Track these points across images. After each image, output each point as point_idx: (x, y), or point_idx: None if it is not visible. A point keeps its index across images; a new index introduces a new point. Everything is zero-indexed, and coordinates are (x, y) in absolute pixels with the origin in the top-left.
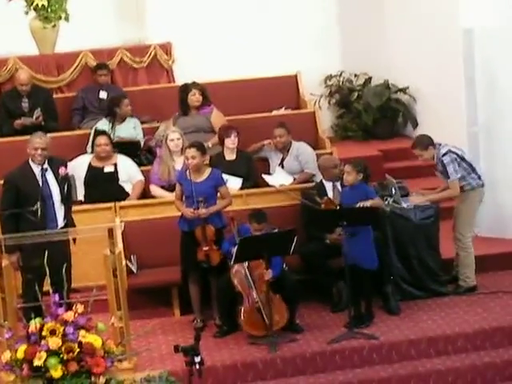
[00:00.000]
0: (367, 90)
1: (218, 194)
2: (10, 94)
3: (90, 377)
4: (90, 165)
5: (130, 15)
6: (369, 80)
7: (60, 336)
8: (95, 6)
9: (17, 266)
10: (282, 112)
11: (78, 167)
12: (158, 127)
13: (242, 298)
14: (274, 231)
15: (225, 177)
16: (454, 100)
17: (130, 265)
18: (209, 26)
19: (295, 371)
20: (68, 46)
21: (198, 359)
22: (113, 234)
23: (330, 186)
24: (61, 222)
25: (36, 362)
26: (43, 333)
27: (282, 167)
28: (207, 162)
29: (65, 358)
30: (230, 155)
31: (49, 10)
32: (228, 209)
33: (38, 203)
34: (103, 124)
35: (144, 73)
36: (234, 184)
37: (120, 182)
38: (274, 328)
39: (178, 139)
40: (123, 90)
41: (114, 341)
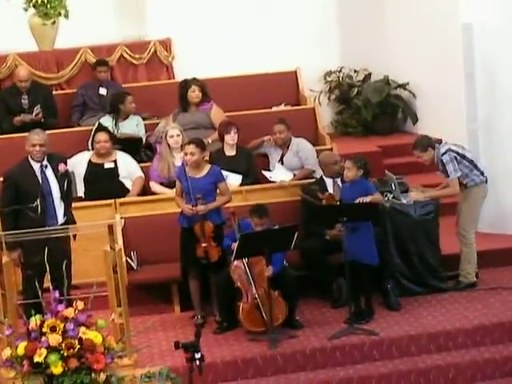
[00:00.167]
0: (367, 86)
1: (218, 191)
2: (10, 91)
3: (90, 373)
4: (89, 161)
5: (129, 11)
6: (368, 76)
7: (60, 332)
8: (95, 2)
9: (18, 263)
10: (281, 108)
11: (78, 164)
12: (157, 123)
13: (242, 294)
14: (274, 227)
15: (225, 173)
16: (454, 96)
17: (130, 261)
18: (208, 22)
19: (295, 367)
20: (67, 42)
21: (198, 355)
22: (113, 230)
23: (330, 182)
24: (61, 218)
25: (36, 359)
26: (43, 329)
27: (282, 163)
28: (207, 158)
29: (65, 354)
30: (230, 151)
31: (48, 6)
32: (228, 205)
33: (38, 200)
34: (106, 120)
35: (144, 69)
36: (233, 180)
37: (120, 178)
38: (274, 324)
39: (178, 136)
40: (123, 86)
41: (115, 337)
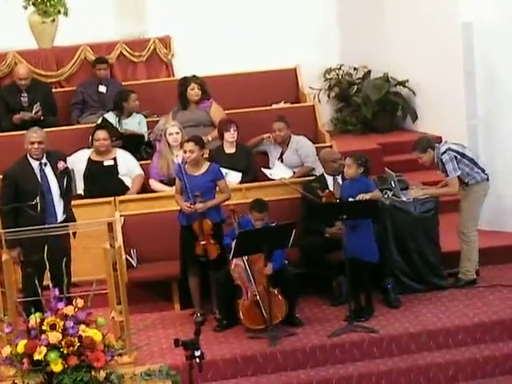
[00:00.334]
0: (366, 84)
1: (217, 189)
2: (9, 89)
3: (90, 371)
4: (89, 159)
5: (129, 9)
6: (368, 73)
7: (60, 330)
8: (94, 0)
9: (17, 261)
10: (281, 106)
11: (78, 161)
12: (157, 121)
13: (241, 292)
14: (272, 225)
15: (224, 171)
16: (454, 94)
17: (129, 259)
18: (208, 20)
19: (295, 365)
20: (67, 40)
21: (198, 353)
22: (113, 228)
23: (331, 180)
24: (60, 216)
25: (36, 357)
26: (43, 327)
27: (282, 161)
28: (207, 155)
29: (65, 352)
30: (230, 149)
31: (48, 4)
32: (227, 202)
33: (38, 198)
34: (109, 117)
35: (143, 67)
36: (233, 178)
37: (120, 176)
38: (274, 322)
39: (177, 133)
40: (122, 84)
41: (114, 335)
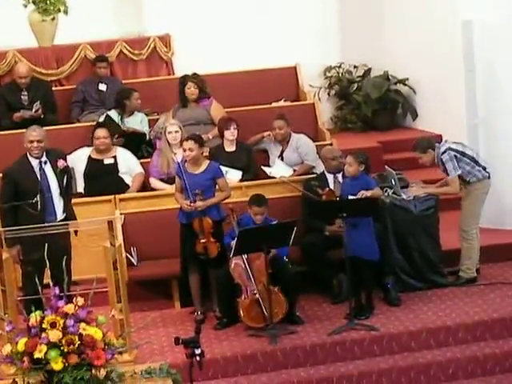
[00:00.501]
0: (367, 82)
1: (217, 187)
2: (10, 87)
3: (90, 369)
4: (89, 157)
5: (129, 7)
6: (368, 71)
7: (60, 329)
8: None
9: (17, 260)
10: (281, 104)
11: (78, 160)
12: (157, 119)
13: (241, 290)
14: (273, 223)
15: (224, 169)
16: (454, 91)
17: (130, 257)
18: (208, 18)
19: (296, 363)
20: (67, 38)
21: (198, 351)
22: (113, 226)
23: (331, 178)
24: (60, 214)
25: (36, 355)
26: (43, 325)
27: (282, 159)
28: (207, 153)
29: (65, 350)
30: (230, 147)
31: (48, 2)
32: (227, 200)
33: (38, 196)
34: (111, 115)
35: (143, 65)
36: (233, 176)
37: (120, 174)
38: (274, 320)
39: (177, 132)
40: (123, 82)
41: (115, 333)
